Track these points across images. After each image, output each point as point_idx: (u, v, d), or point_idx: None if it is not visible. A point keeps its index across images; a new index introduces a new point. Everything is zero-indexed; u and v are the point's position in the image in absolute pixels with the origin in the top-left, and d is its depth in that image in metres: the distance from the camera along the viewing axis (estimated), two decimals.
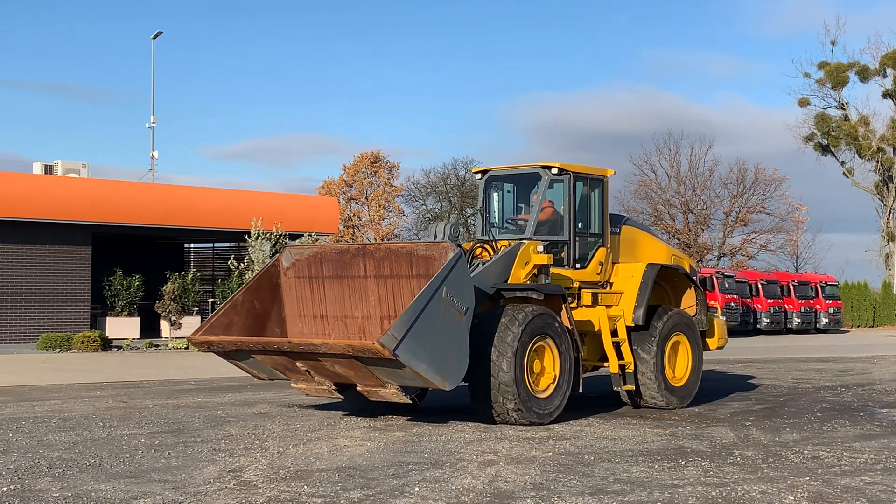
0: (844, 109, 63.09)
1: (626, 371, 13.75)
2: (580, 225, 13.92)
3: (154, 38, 44.31)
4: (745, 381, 19.14)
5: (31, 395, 15.50)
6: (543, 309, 12.39)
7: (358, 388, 11.83)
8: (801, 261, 67.15)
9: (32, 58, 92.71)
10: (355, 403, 12.98)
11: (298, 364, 11.97)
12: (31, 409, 13.73)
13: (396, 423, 12.17)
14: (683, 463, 9.55)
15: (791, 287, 48.61)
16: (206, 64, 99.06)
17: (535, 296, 12.50)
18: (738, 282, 45.30)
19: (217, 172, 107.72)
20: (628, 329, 13.90)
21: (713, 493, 8.13)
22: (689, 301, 15.19)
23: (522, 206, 14.42)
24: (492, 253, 13.15)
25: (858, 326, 55.99)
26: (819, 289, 50.30)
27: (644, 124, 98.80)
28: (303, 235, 31.10)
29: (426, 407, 13.66)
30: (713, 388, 17.55)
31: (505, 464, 9.41)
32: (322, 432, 11.46)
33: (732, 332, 44.22)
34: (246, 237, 30.00)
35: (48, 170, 31.74)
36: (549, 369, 12.43)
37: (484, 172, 14.47)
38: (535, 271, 12.94)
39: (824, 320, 49.95)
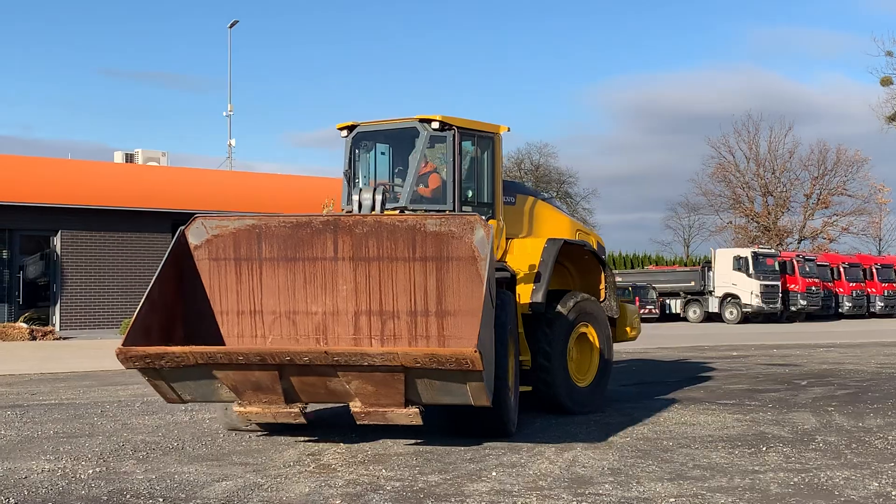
0: None
1: (523, 368, 11.15)
2: (469, 193, 11.55)
3: (230, 27, 44.87)
4: (828, 365, 18.82)
5: (115, 380, 15.82)
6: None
7: (354, 410, 8.59)
8: (885, 243, 65.88)
9: (115, 48, 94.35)
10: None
11: (292, 380, 8.38)
12: (115, 393, 14.01)
13: (473, 408, 12.12)
14: (764, 449, 9.42)
15: (874, 270, 47.80)
16: (294, 51, 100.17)
17: None
18: (819, 265, 44.70)
19: (301, 159, 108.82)
20: (525, 318, 11.40)
21: (795, 480, 8.01)
22: (596, 284, 12.96)
23: (401, 168, 11.70)
24: None
25: None
26: None
27: (743, 104, 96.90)
28: None
29: None
30: (794, 373, 17.30)
31: (582, 449, 9.36)
32: None
33: (813, 317, 43.84)
34: None
35: (129, 158, 32.35)
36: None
37: (350, 129, 11.77)
38: None
39: None
